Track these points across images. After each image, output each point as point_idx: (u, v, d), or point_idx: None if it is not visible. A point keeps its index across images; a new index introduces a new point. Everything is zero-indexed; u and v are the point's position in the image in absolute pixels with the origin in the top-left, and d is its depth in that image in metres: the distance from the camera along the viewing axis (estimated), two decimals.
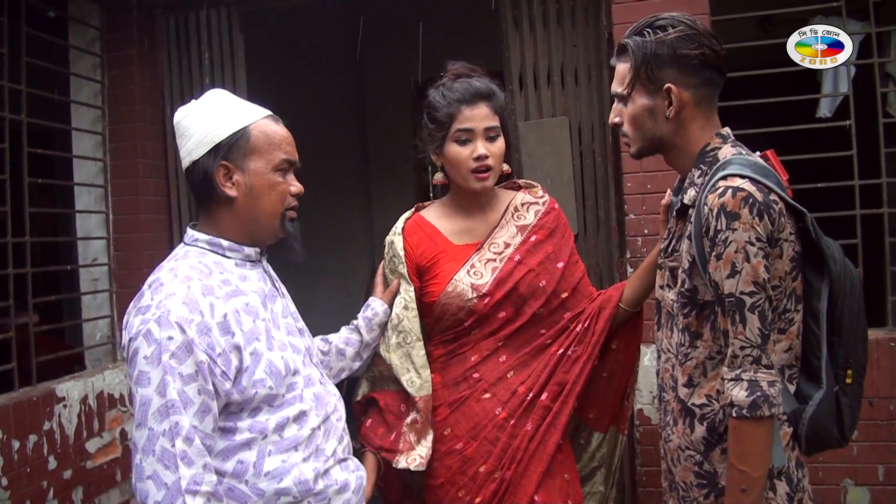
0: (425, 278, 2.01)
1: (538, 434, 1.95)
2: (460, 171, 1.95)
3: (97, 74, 3.41)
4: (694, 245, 1.49)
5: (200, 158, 1.53)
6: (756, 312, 1.40)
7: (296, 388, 1.53)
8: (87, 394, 3.00)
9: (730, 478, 1.46)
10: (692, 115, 1.56)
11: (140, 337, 1.38)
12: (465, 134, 1.93)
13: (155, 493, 1.34)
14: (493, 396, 1.96)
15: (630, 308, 2.01)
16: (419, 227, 2.05)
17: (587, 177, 3.30)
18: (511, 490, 1.93)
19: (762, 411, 1.39)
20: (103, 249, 3.42)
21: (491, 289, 1.94)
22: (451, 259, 1.99)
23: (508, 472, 1.93)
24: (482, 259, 1.99)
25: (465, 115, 1.92)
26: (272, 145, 1.55)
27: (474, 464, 1.94)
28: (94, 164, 3.41)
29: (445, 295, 1.95)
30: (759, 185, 1.42)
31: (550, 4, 3.30)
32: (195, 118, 1.55)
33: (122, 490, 3.18)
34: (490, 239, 2.02)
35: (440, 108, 1.94)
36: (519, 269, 1.97)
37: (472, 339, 1.99)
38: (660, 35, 1.54)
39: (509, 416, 1.95)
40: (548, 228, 2.04)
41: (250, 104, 1.60)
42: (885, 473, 2.82)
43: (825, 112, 3.48)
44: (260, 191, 1.54)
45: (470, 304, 1.94)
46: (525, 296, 1.97)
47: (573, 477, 2.02)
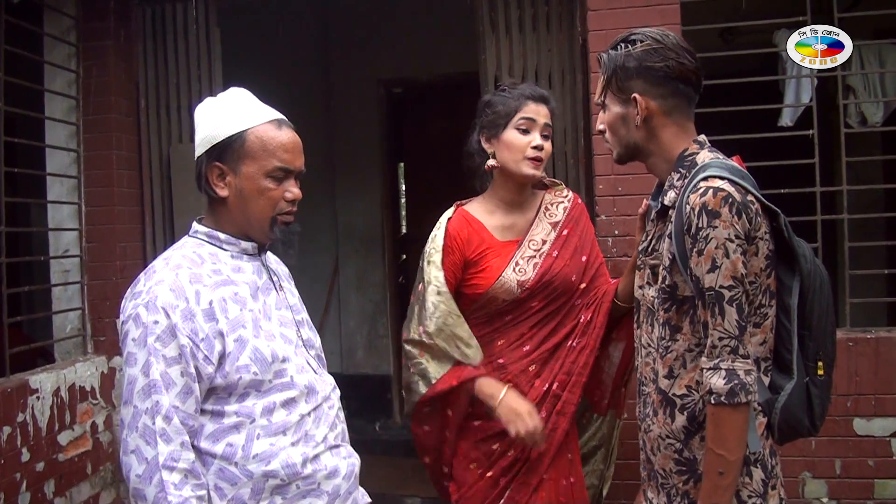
0: (471, 271, 2.16)
1: (550, 421, 2.12)
2: (516, 156, 2.13)
3: (72, 64, 3.38)
4: (675, 243, 1.58)
5: (201, 156, 1.60)
6: (734, 305, 1.49)
7: (284, 376, 1.58)
8: (59, 386, 2.99)
9: (707, 462, 1.53)
10: (662, 122, 1.66)
11: (130, 320, 1.48)
12: (527, 123, 2.13)
13: (136, 466, 1.43)
14: (514, 387, 2.12)
15: (624, 303, 2.16)
16: (467, 222, 2.20)
17: (559, 178, 3.37)
18: (524, 471, 2.12)
19: (739, 398, 1.48)
20: (75, 241, 3.39)
21: (533, 284, 2.13)
22: (496, 255, 2.16)
23: (523, 452, 2.11)
24: (524, 256, 2.17)
25: (530, 108, 2.14)
26: (266, 152, 1.58)
27: (489, 442, 2.12)
28: (67, 155, 3.38)
29: (493, 289, 2.13)
30: (738, 187, 1.51)
31: (526, 10, 3.39)
32: (206, 115, 1.61)
33: (93, 483, 3.17)
34: (528, 236, 2.20)
35: (506, 100, 2.15)
36: (556, 263, 2.16)
37: (505, 324, 2.16)
38: (629, 49, 1.65)
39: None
40: (574, 221, 2.24)
41: (261, 107, 1.63)
42: (842, 466, 2.97)
43: (787, 121, 3.63)
44: (249, 195, 1.58)
45: (514, 296, 2.12)
46: (558, 288, 2.15)
47: (576, 457, 2.21)
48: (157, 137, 3.61)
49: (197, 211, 3.36)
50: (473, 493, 2.14)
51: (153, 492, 1.42)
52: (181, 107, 3.60)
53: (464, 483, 2.15)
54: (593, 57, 3.10)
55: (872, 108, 3.70)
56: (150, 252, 3.59)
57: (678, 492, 1.64)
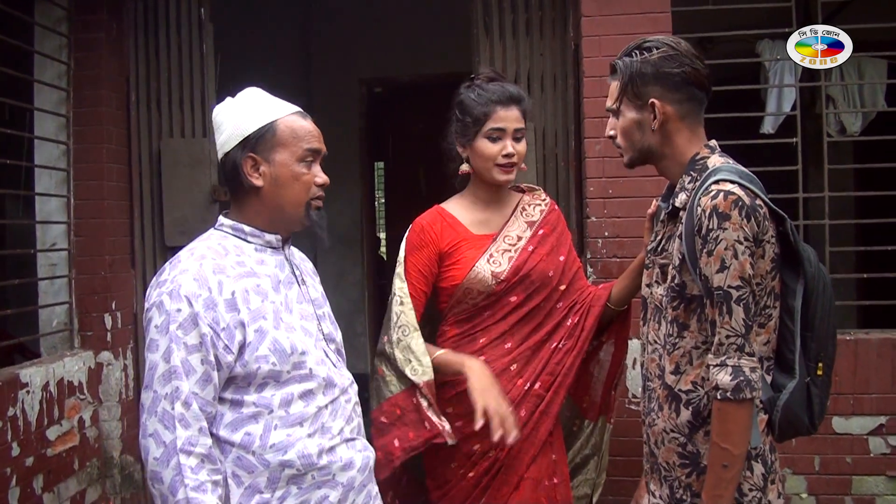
0: (446, 263, 2.18)
1: (531, 421, 2.12)
2: (486, 164, 2.14)
3: (63, 55, 3.34)
4: (685, 243, 1.64)
5: (231, 150, 1.63)
6: (741, 305, 1.56)
7: (303, 368, 1.61)
8: (48, 380, 2.95)
9: (712, 455, 1.59)
10: (677, 127, 1.72)
11: (154, 308, 1.53)
12: (498, 132, 2.12)
13: (155, 449, 1.47)
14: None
15: (617, 307, 2.21)
16: (441, 216, 2.23)
17: (549, 180, 3.45)
18: (504, 469, 2.11)
19: (744, 394, 1.54)
20: (63, 234, 3.35)
21: (508, 275, 2.13)
22: (471, 247, 2.18)
23: (502, 452, 2.09)
24: (499, 249, 2.17)
25: (499, 115, 2.12)
26: (297, 138, 1.65)
27: (470, 441, 2.10)
28: (56, 147, 3.34)
29: (468, 280, 2.13)
30: (747, 190, 1.58)
31: (520, 15, 3.45)
32: (228, 114, 1.66)
33: (80, 479, 3.14)
34: (504, 231, 2.21)
35: (476, 105, 2.14)
36: (532, 257, 2.16)
37: (485, 320, 2.17)
38: (645, 56, 1.71)
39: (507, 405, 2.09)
40: (551, 225, 2.25)
41: (281, 101, 1.69)
42: (821, 463, 3.08)
43: (768, 129, 3.76)
44: (285, 181, 1.64)
45: (489, 289, 2.13)
46: (535, 282, 2.15)
47: (560, 458, 2.20)
48: (148, 132, 3.58)
49: (186, 206, 3.39)
50: (455, 493, 2.15)
51: (170, 475, 1.46)
52: (172, 101, 3.57)
53: (445, 481, 2.16)
54: (586, 62, 3.17)
55: (851, 118, 3.85)
56: (139, 247, 3.57)
57: (681, 484, 1.70)
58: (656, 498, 1.77)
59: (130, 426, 3.47)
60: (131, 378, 3.51)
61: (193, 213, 3.50)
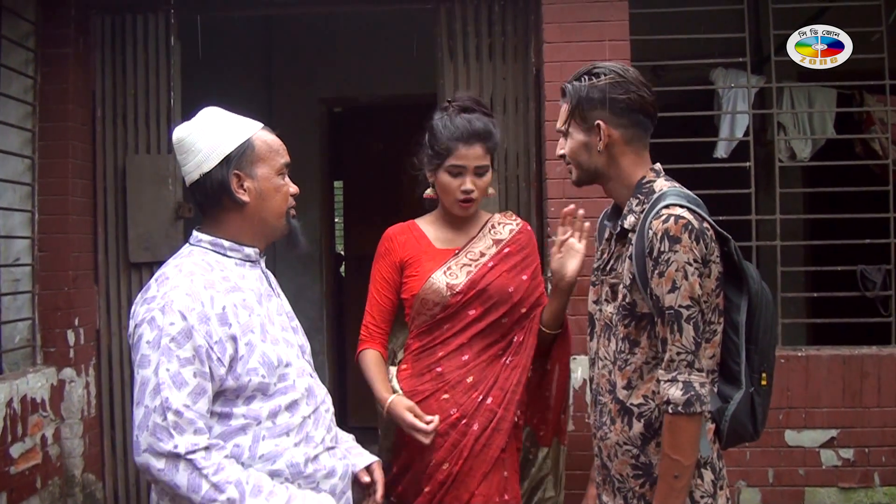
0: (406, 273, 2.25)
1: (483, 436, 2.16)
2: (448, 198, 2.21)
3: (29, 70, 3.33)
4: (635, 264, 1.71)
5: (212, 170, 1.65)
6: (691, 323, 1.63)
7: (287, 379, 1.66)
8: (11, 397, 2.92)
9: (664, 466, 1.66)
10: (622, 150, 1.79)
11: (144, 324, 1.54)
12: (458, 169, 2.17)
13: (155, 462, 1.49)
14: (450, 398, 2.18)
15: (548, 329, 2.24)
16: (409, 229, 2.31)
17: (511, 201, 3.52)
18: (456, 483, 2.14)
19: (694, 408, 1.61)
20: (27, 249, 3.33)
21: (464, 288, 2.18)
22: (430, 259, 2.23)
23: (456, 466, 2.14)
24: (458, 263, 2.22)
25: (460, 153, 2.17)
26: (272, 152, 1.71)
27: (427, 453, 2.15)
28: (21, 161, 3.32)
29: (423, 290, 2.19)
30: (696, 214, 1.66)
31: (483, 39, 3.53)
32: (199, 134, 1.67)
33: (42, 498, 3.10)
34: (468, 247, 2.26)
35: (440, 139, 2.19)
36: (491, 273, 2.21)
37: (444, 333, 2.21)
38: (593, 81, 1.79)
39: (462, 417, 2.16)
40: (519, 244, 2.29)
41: (244, 118, 1.73)
42: (775, 475, 3.18)
43: (722, 153, 3.89)
44: (268, 193, 1.70)
45: (444, 301, 2.17)
46: (493, 296, 2.19)
47: (512, 475, 2.23)
48: (113, 148, 3.58)
49: (151, 222, 3.39)
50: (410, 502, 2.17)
51: (185, 477, 1.48)
52: (138, 118, 3.57)
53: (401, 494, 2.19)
54: (548, 86, 3.27)
55: (801, 145, 4.00)
56: (103, 263, 3.56)
57: (635, 494, 1.75)
58: None
59: (92, 444, 3.44)
60: (93, 395, 3.48)
61: (158, 230, 3.50)
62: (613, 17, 3.26)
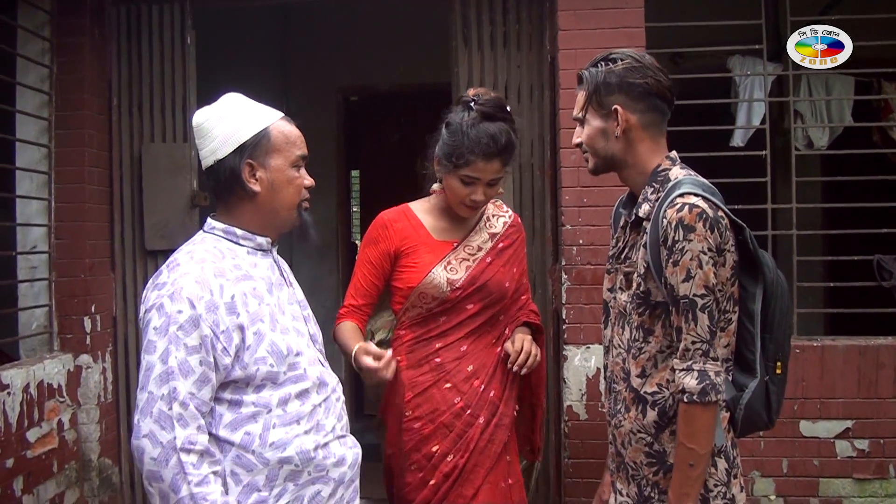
0: (402, 263, 2.19)
1: (488, 430, 2.16)
2: (454, 199, 2.16)
3: (45, 59, 3.36)
4: (650, 253, 1.70)
5: (226, 157, 1.65)
6: (706, 312, 1.63)
7: (298, 368, 1.66)
8: (28, 382, 2.96)
9: (679, 455, 1.66)
10: (640, 136, 1.78)
11: (153, 309, 1.54)
12: (471, 180, 2.11)
13: (151, 449, 1.49)
14: (453, 387, 2.16)
15: None
16: (405, 215, 2.25)
17: (525, 189, 3.52)
18: (461, 479, 2.13)
19: (710, 397, 1.61)
20: (44, 237, 3.37)
21: (464, 284, 2.15)
22: (429, 251, 2.19)
23: (462, 459, 2.13)
24: (458, 258, 2.19)
25: (478, 167, 2.09)
26: (289, 143, 1.70)
27: (429, 443, 2.14)
28: (38, 150, 3.35)
29: (423, 285, 2.15)
30: (710, 203, 1.65)
31: (498, 28, 3.52)
32: (217, 120, 1.67)
33: (58, 482, 3.14)
34: (466, 241, 2.23)
35: (458, 146, 2.08)
36: (490, 268, 2.19)
37: (440, 325, 2.18)
38: (610, 66, 1.77)
39: (466, 406, 2.15)
40: (511, 238, 2.28)
41: (265, 107, 1.72)
42: (789, 466, 3.17)
43: (738, 142, 3.86)
44: (280, 185, 1.68)
45: (443, 296, 2.15)
46: (492, 292, 2.18)
47: (514, 458, 2.25)
48: (129, 136, 3.60)
49: (167, 210, 3.42)
50: (414, 498, 2.15)
51: (170, 473, 1.48)
52: (154, 106, 3.60)
53: (405, 484, 2.17)
54: (563, 74, 3.25)
55: (818, 133, 3.96)
56: (119, 250, 3.59)
57: (648, 482, 1.76)
58: (623, 496, 1.82)
59: (109, 429, 3.48)
60: (110, 381, 3.52)
61: (174, 218, 3.53)
62: (629, 4, 3.23)
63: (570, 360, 3.23)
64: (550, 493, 3.41)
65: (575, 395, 3.23)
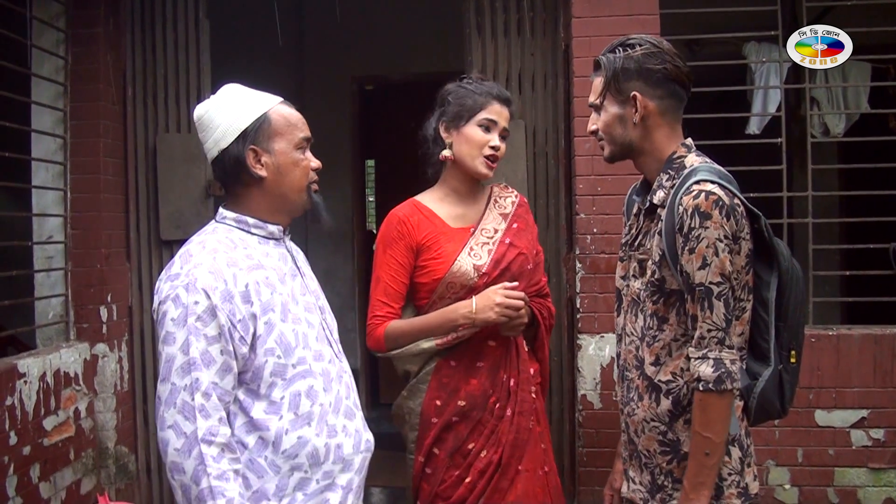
0: (425, 256, 2.16)
1: (514, 422, 2.15)
2: (473, 151, 2.16)
3: (60, 50, 3.37)
4: (665, 240, 1.69)
5: (229, 146, 1.65)
6: (722, 300, 1.62)
7: (305, 363, 1.64)
8: (45, 371, 2.99)
9: (694, 444, 1.65)
10: (657, 123, 1.77)
11: (169, 301, 1.54)
12: (490, 123, 2.16)
13: (175, 440, 1.49)
14: (486, 380, 2.15)
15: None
16: (417, 209, 2.22)
17: (539, 177, 3.51)
18: (497, 475, 2.12)
19: (725, 385, 1.60)
20: (59, 227, 3.39)
21: (489, 269, 2.14)
22: (449, 240, 2.17)
23: (496, 455, 2.12)
24: (478, 242, 2.18)
25: (495, 108, 2.17)
26: (291, 126, 1.69)
27: (467, 441, 2.13)
28: (54, 141, 3.37)
29: (451, 274, 2.13)
30: (727, 190, 1.64)
31: (511, 15, 3.50)
32: (217, 111, 1.67)
33: (75, 469, 3.18)
34: (481, 224, 2.22)
35: (472, 94, 2.18)
36: (511, 250, 2.18)
37: None
38: (628, 52, 1.76)
39: (497, 400, 2.14)
40: (524, 219, 2.28)
41: (263, 93, 1.72)
42: (804, 455, 3.15)
43: (754, 129, 3.83)
44: (286, 169, 1.68)
45: (471, 283, 2.13)
46: (516, 275, 2.16)
47: (548, 446, 2.25)
48: (144, 126, 3.62)
49: (182, 201, 3.44)
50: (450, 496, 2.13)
51: (192, 464, 1.48)
52: (168, 97, 3.61)
53: (440, 482, 2.14)
54: (577, 62, 3.23)
55: (835, 120, 3.93)
56: (134, 240, 3.61)
57: (662, 471, 1.75)
58: (636, 484, 1.82)
59: (125, 417, 3.51)
60: (126, 370, 3.55)
61: (189, 208, 3.54)
62: None
63: (584, 349, 3.23)
64: (565, 481, 3.40)
65: (589, 384, 3.23)
